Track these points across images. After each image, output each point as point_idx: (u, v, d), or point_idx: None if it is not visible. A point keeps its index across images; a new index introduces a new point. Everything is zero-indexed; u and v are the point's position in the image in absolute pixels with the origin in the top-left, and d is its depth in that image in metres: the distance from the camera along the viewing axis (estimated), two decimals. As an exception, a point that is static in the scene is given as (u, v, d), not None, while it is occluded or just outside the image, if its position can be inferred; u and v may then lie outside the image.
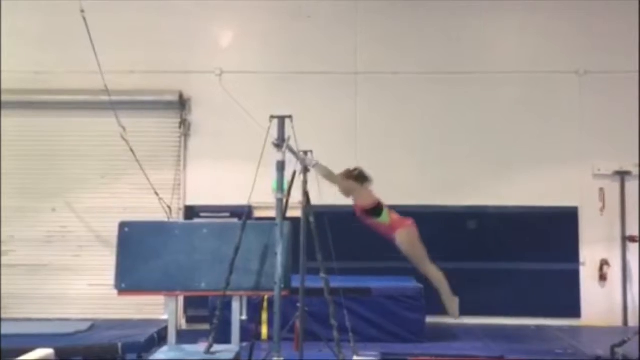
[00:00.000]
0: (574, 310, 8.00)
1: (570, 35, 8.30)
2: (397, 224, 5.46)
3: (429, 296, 6.88)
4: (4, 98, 8.02)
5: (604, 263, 8.07)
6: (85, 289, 8.07)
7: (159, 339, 6.47)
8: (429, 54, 8.35)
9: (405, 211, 8.00)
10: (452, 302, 5.49)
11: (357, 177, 5.53)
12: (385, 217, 5.44)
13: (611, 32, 8.22)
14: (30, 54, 8.27)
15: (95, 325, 7.14)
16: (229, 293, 4.31)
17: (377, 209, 5.42)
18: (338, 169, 7.85)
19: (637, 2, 7.92)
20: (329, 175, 5.40)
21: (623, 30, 8.18)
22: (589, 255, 8.10)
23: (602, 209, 8.14)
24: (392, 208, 8.01)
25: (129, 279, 4.46)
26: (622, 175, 8.12)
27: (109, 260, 6.79)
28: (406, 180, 8.19)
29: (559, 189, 8.09)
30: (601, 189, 8.16)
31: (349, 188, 5.45)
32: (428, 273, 5.53)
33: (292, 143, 4.67)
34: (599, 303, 8.04)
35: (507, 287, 7.95)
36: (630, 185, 8.12)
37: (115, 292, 5.01)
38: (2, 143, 8.16)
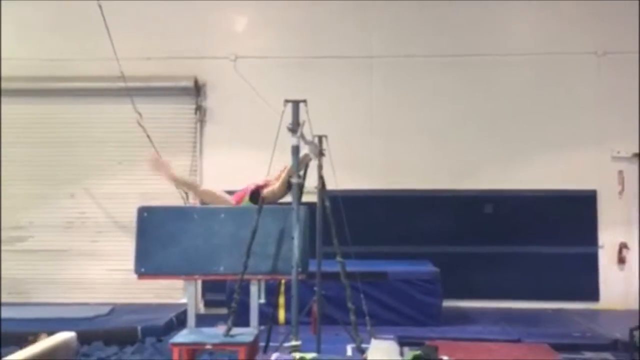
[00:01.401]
0: (592, 293, 7.96)
1: (589, 15, 8.16)
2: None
3: (445, 280, 6.91)
4: (21, 85, 8.11)
5: (623, 246, 8.00)
6: (105, 274, 8.17)
7: (178, 322, 6.55)
8: (444, 37, 8.27)
9: (421, 195, 8.10)
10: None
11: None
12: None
13: (630, 12, 8.06)
14: (47, 42, 8.32)
15: (115, 310, 7.24)
16: (247, 277, 4.33)
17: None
18: (354, 153, 7.95)
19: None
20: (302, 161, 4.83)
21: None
22: (608, 238, 8.04)
23: (621, 191, 8.06)
24: (407, 192, 8.10)
25: (148, 263, 4.48)
26: (642, 157, 8.03)
27: (127, 245, 6.86)
28: (422, 164, 8.17)
29: (577, 172, 8.02)
30: (620, 172, 8.07)
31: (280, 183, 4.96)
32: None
33: (306, 127, 4.67)
34: (617, 286, 7.99)
35: (524, 271, 7.93)
36: (650, 168, 8.03)
37: (134, 277, 5.06)
38: (20, 130, 8.24)
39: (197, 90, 8.30)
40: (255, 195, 4.95)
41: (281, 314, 6.64)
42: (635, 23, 8.01)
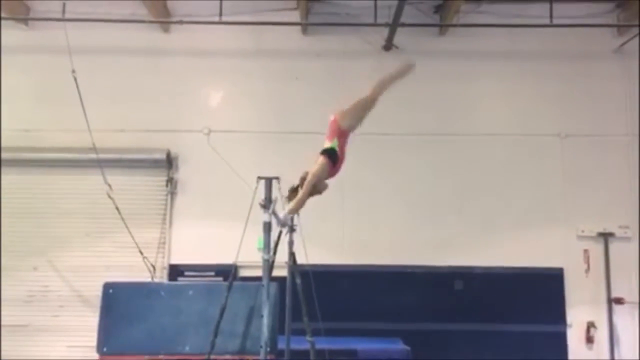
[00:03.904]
0: (562, 373, 7.91)
1: (553, 99, 8.49)
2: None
3: (415, 358, 6.80)
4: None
5: (591, 325, 8.02)
6: (65, 351, 7.83)
7: (139, 403, 6.26)
8: (416, 116, 8.46)
9: (391, 271, 8.08)
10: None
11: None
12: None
13: (591, 97, 8.45)
14: (20, 112, 8.27)
15: (73, 389, 6.92)
16: (213, 357, 4.23)
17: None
18: (325, 229, 7.97)
19: (619, 68, 8.24)
20: (299, 202, 4.90)
21: (603, 94, 8.44)
22: (576, 317, 8.06)
23: (587, 270, 8.17)
24: (377, 267, 8.07)
25: (111, 342, 4.37)
26: (606, 236, 8.19)
27: (90, 320, 6.68)
28: (393, 240, 8.19)
29: (544, 250, 8.12)
30: (585, 251, 8.20)
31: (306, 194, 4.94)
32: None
33: (279, 203, 4.70)
34: (586, 366, 7.96)
35: (493, 349, 7.86)
36: (614, 247, 8.17)
37: (95, 354, 4.88)
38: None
39: (169, 162, 8.29)
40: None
41: (248, 394, 6.42)
42: (593, 107, 8.39)
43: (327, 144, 5.03)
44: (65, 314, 7.98)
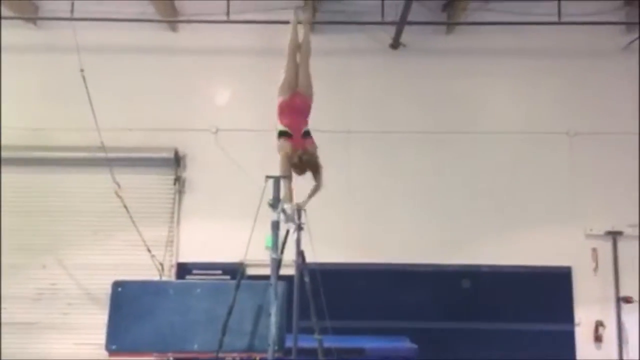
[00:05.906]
0: (570, 372, 7.89)
1: (561, 96, 8.47)
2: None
3: (423, 357, 6.80)
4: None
5: (599, 324, 8.00)
6: (73, 349, 7.88)
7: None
8: (422, 114, 8.47)
9: (399, 270, 8.08)
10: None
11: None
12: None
13: (600, 94, 8.42)
14: (29, 111, 8.33)
15: (82, 387, 6.97)
16: (221, 355, 4.25)
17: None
18: (332, 227, 7.98)
19: (628, 66, 8.19)
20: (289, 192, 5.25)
21: (612, 92, 8.40)
22: (584, 315, 8.04)
23: (596, 269, 8.13)
24: (385, 266, 8.08)
25: (120, 339, 4.39)
26: (614, 235, 8.15)
27: (98, 318, 6.71)
28: (400, 239, 8.18)
29: (552, 248, 8.09)
30: (594, 249, 8.17)
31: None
32: None
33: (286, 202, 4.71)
34: (595, 365, 7.94)
35: (502, 348, 7.84)
36: (623, 246, 8.14)
37: (103, 352, 4.90)
38: (-2, 199, 8.14)
39: (177, 161, 8.32)
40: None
41: (255, 392, 6.43)
42: (602, 105, 8.35)
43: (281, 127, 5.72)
44: (74, 312, 8.03)
